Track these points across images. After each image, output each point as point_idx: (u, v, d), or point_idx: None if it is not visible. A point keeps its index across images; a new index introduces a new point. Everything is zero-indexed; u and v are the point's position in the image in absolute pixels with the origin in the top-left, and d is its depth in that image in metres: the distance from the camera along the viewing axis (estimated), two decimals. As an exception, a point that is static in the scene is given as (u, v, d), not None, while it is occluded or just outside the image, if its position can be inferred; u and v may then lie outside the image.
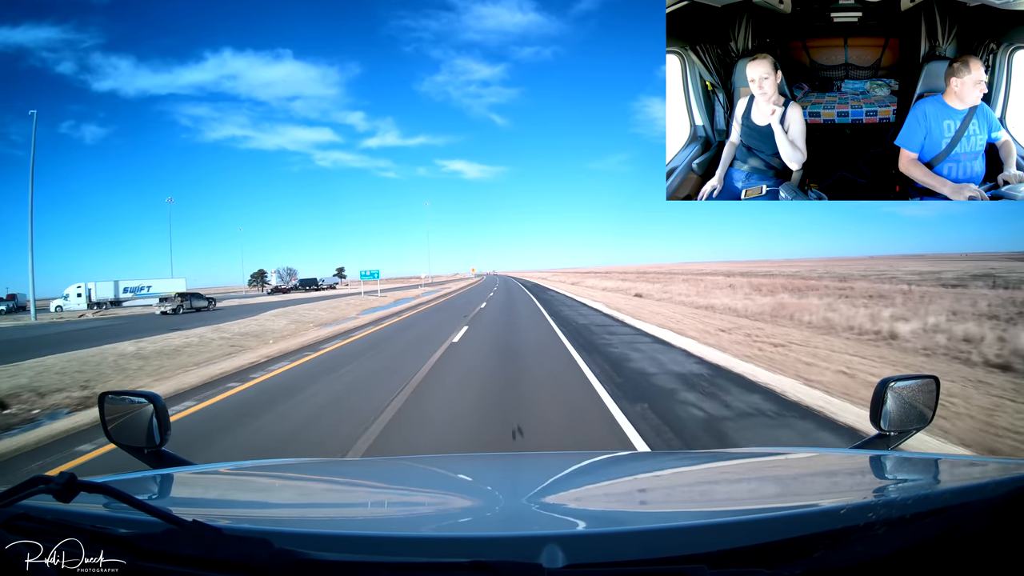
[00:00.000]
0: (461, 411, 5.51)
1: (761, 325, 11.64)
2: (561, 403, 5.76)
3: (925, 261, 75.15)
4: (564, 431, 4.80)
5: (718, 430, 4.66)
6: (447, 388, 6.61)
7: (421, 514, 1.18)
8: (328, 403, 6.11)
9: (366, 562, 0.72)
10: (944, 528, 0.76)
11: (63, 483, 0.74)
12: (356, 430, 4.88)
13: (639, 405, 5.47)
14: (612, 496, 1.29)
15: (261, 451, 4.46)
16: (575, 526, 0.95)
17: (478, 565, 0.68)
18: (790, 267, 70.70)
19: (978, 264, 50.66)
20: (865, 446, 1.48)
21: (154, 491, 1.22)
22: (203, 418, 5.72)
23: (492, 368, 7.95)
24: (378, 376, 7.61)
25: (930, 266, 51.80)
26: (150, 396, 1.42)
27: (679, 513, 1.11)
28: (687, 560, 0.71)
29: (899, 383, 1.43)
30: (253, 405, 6.16)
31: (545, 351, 9.42)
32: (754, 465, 1.51)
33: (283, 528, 0.87)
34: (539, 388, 6.52)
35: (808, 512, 0.89)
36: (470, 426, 4.97)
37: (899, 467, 1.29)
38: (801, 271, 51.90)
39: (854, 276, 35.42)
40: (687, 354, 8.59)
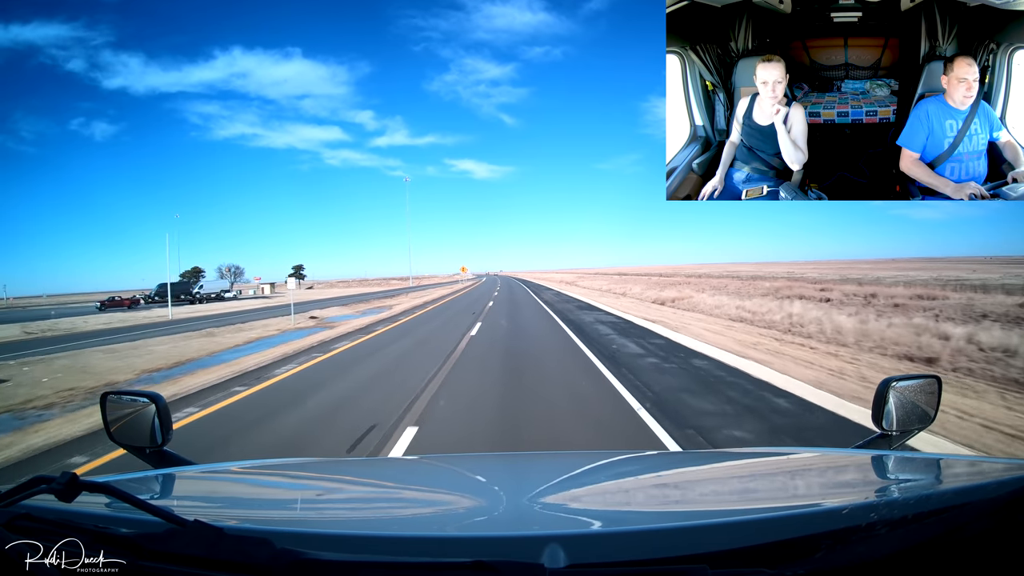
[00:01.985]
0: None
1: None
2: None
3: (950, 265, 68.65)
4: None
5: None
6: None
7: (422, 514, 1.18)
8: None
9: (367, 562, 0.72)
10: (946, 528, 0.75)
11: (65, 483, 0.74)
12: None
13: None
14: (614, 496, 1.28)
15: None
16: (577, 526, 0.95)
17: (480, 565, 0.68)
18: (812, 269, 65.85)
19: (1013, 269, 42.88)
20: (867, 446, 1.48)
21: (156, 491, 1.22)
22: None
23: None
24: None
25: (963, 270, 43.34)
26: (152, 396, 1.43)
27: (680, 513, 1.10)
28: (688, 560, 0.71)
29: (901, 383, 1.42)
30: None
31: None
32: (756, 465, 1.51)
33: (284, 528, 0.87)
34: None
35: (810, 512, 0.89)
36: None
37: (901, 467, 1.28)
38: (851, 273, 43.74)
39: (913, 282, 27.33)
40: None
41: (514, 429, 5.16)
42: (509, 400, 6.36)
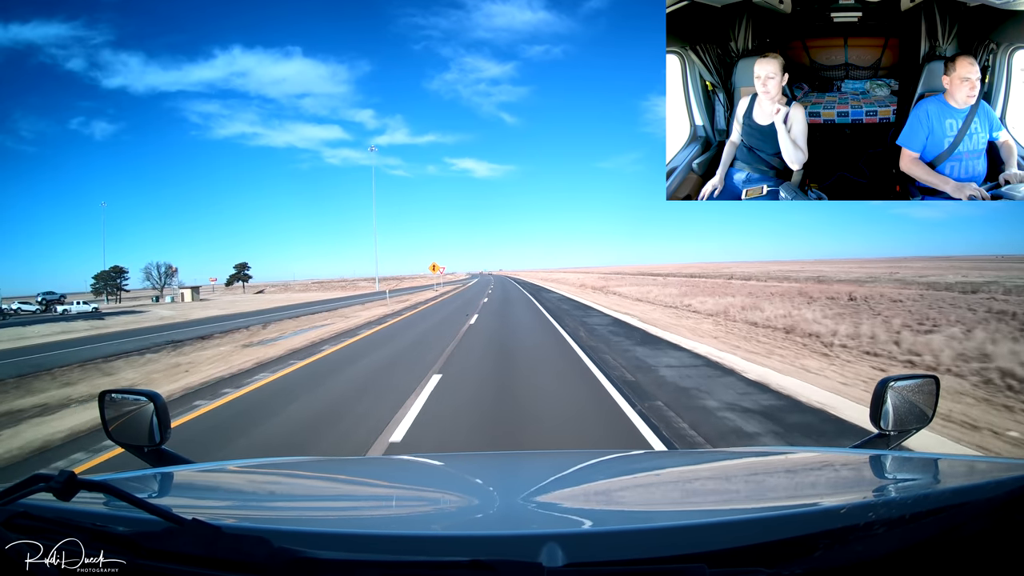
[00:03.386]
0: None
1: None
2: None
3: (968, 264, 63.86)
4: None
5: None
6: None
7: (420, 512, 1.18)
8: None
9: (365, 560, 0.72)
10: (944, 528, 0.75)
11: (63, 481, 0.74)
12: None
13: None
14: (612, 495, 1.29)
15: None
16: (575, 525, 0.95)
17: (478, 564, 0.68)
18: (827, 267, 62.17)
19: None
20: (865, 445, 1.48)
21: (154, 489, 1.22)
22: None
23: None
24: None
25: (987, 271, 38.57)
26: (150, 395, 1.43)
27: (679, 512, 1.10)
28: (687, 559, 0.71)
29: (899, 382, 1.42)
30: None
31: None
32: (754, 464, 1.51)
33: (282, 526, 0.87)
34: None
35: (808, 511, 0.89)
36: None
37: (899, 467, 1.28)
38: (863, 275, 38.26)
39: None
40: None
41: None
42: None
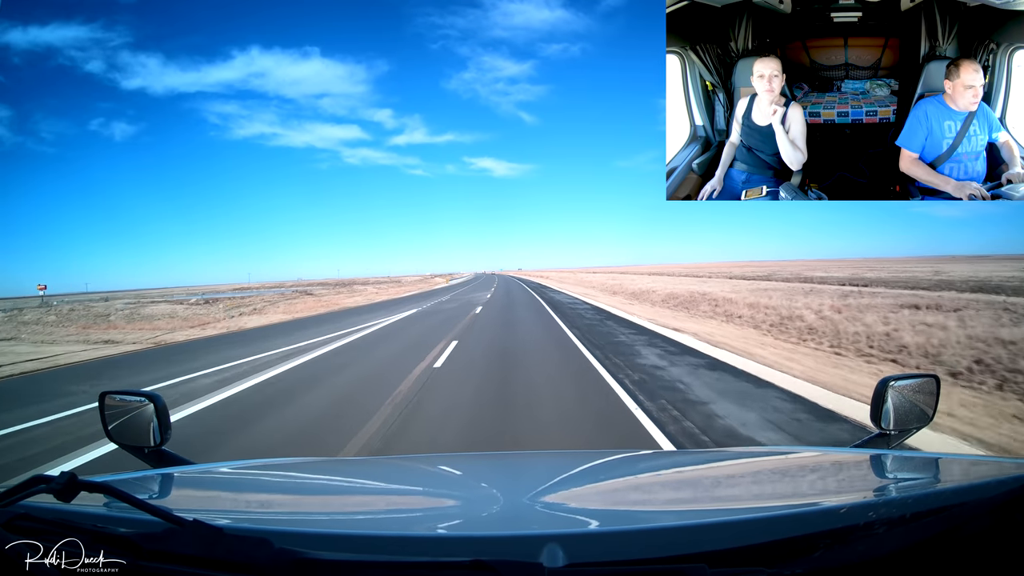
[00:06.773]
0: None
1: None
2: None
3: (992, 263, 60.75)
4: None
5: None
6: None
7: (421, 513, 1.17)
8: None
9: (366, 561, 0.72)
10: (945, 527, 0.75)
11: (64, 482, 0.74)
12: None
13: None
14: (613, 495, 1.28)
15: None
16: (576, 525, 0.95)
17: (478, 564, 0.68)
18: (844, 268, 59.18)
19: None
20: (866, 445, 1.48)
21: (155, 490, 1.22)
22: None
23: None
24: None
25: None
26: (150, 396, 1.43)
27: (679, 512, 1.10)
28: (687, 559, 0.71)
29: (899, 382, 1.43)
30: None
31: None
32: (754, 464, 1.51)
33: (283, 527, 0.87)
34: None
35: (808, 511, 0.89)
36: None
37: (900, 466, 1.28)
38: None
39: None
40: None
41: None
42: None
